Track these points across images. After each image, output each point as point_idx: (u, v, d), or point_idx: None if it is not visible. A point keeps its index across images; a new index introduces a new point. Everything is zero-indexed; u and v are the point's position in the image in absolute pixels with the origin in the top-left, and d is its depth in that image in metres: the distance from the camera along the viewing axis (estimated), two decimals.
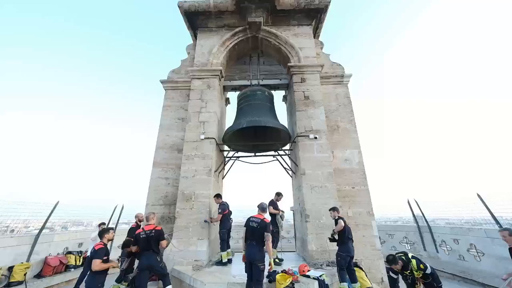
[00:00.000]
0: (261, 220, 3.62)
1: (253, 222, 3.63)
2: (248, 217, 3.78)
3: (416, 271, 3.75)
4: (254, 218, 3.69)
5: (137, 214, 5.52)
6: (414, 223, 8.40)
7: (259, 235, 3.53)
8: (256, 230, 3.55)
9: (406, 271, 3.84)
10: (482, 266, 6.21)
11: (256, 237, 3.53)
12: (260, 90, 6.92)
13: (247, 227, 3.68)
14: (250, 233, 3.59)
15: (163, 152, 6.47)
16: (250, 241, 3.55)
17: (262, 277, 3.37)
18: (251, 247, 3.52)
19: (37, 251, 6.32)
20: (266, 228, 3.55)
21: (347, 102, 6.77)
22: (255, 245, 3.51)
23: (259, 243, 3.52)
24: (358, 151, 6.14)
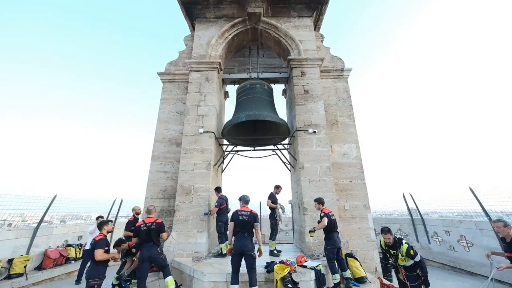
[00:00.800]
0: (250, 212, 3.80)
1: (242, 215, 3.75)
2: (234, 212, 3.85)
3: (402, 256, 3.61)
4: (242, 211, 3.81)
5: (134, 207, 5.55)
6: (408, 216, 8.64)
7: (250, 226, 3.71)
8: (247, 222, 3.70)
9: (393, 250, 3.74)
10: (471, 256, 6.49)
11: (248, 229, 3.70)
12: (259, 84, 6.86)
13: (237, 220, 3.74)
14: (241, 226, 3.69)
15: (161, 145, 6.44)
16: (242, 233, 3.67)
17: (255, 265, 3.60)
18: (243, 238, 3.64)
19: (37, 244, 6.35)
20: (256, 219, 3.78)
21: (346, 97, 6.78)
22: (246, 236, 3.66)
23: (250, 234, 3.71)
24: (356, 145, 6.21)
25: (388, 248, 3.83)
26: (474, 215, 6.81)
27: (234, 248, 3.66)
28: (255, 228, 3.75)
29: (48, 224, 7.30)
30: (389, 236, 3.77)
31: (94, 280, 3.41)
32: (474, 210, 6.71)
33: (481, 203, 6.18)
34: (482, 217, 6.39)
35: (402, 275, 3.69)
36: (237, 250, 3.61)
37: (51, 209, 6.81)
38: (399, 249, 3.62)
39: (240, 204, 4.00)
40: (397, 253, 3.65)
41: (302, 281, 3.79)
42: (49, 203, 6.70)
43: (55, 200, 6.91)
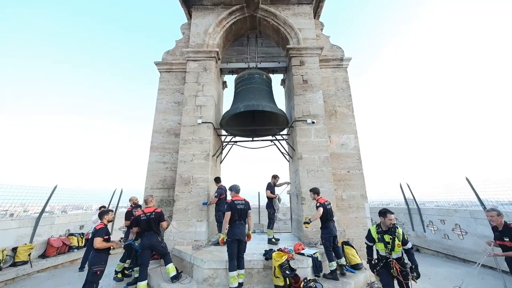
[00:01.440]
0: (245, 201, 4.01)
1: (239, 204, 3.89)
2: (231, 201, 3.94)
3: (399, 242, 3.11)
4: (238, 200, 3.94)
5: (131, 198, 5.62)
6: (405, 206, 8.77)
7: (245, 214, 3.92)
8: (244, 210, 3.89)
9: (389, 236, 3.17)
10: (464, 244, 6.65)
11: (244, 217, 3.90)
12: (258, 74, 6.76)
13: (235, 209, 3.83)
14: (238, 214, 3.83)
15: (160, 136, 6.42)
16: (239, 221, 3.83)
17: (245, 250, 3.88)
18: (240, 226, 3.81)
19: (39, 233, 6.46)
20: (249, 207, 4.05)
21: (345, 87, 6.70)
22: (243, 224, 3.87)
23: (245, 221, 3.94)
24: (355, 136, 6.20)
25: (383, 235, 3.21)
26: (469, 205, 6.91)
27: (231, 236, 3.74)
28: (249, 216, 3.98)
29: (49, 214, 7.39)
30: (391, 216, 3.20)
31: (96, 266, 3.50)
32: (469, 200, 6.81)
33: (476, 193, 6.26)
34: (477, 207, 6.49)
35: (395, 270, 3.06)
36: (235, 237, 3.71)
37: (52, 199, 6.88)
38: (396, 234, 3.14)
39: (232, 194, 4.11)
40: (394, 239, 3.13)
41: (300, 268, 3.91)
42: (49, 193, 6.75)
43: (56, 190, 6.97)
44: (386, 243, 3.19)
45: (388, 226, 3.22)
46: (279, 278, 3.59)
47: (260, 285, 3.83)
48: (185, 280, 4.08)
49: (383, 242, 3.22)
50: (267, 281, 3.87)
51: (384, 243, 3.21)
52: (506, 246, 3.22)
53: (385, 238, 3.19)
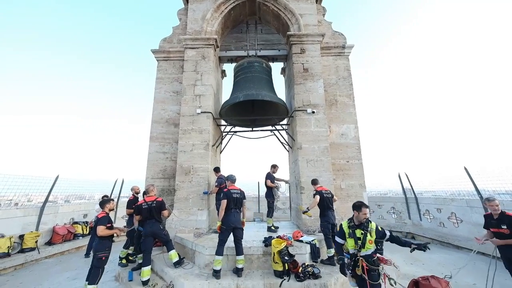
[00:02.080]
0: (240, 190, 4.13)
1: (235, 193, 4.01)
2: (227, 190, 4.04)
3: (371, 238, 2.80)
4: (234, 190, 4.06)
5: (133, 187, 5.69)
6: (402, 195, 8.90)
7: (240, 203, 4.06)
8: (239, 199, 4.02)
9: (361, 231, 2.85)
10: (459, 232, 6.82)
11: (239, 205, 4.04)
12: (257, 62, 6.62)
13: (231, 198, 3.94)
14: (234, 203, 3.96)
15: (159, 126, 6.40)
16: (234, 210, 3.96)
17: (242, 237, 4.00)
18: (236, 214, 3.96)
19: (44, 222, 6.62)
20: (244, 196, 4.19)
21: (347, 75, 6.58)
22: (238, 212, 4.02)
23: (240, 210, 4.09)
24: (355, 126, 6.18)
25: (354, 229, 2.90)
26: (467, 194, 7.01)
27: (227, 223, 3.85)
28: (243, 205, 4.16)
29: (53, 204, 7.53)
30: (366, 210, 2.90)
31: (101, 253, 3.62)
32: (467, 190, 6.89)
33: (474, 182, 6.32)
34: (474, 196, 6.58)
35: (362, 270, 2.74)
36: (230, 225, 3.83)
37: (55, 189, 6.98)
38: (368, 228, 2.82)
39: (228, 183, 4.23)
40: (365, 234, 2.82)
41: (298, 254, 4.03)
42: (52, 183, 6.83)
43: (59, 181, 7.05)
44: (356, 238, 2.86)
45: (361, 221, 2.89)
46: (278, 264, 3.72)
47: (260, 270, 3.97)
48: (188, 266, 4.23)
49: (353, 238, 2.88)
50: (266, 266, 4.01)
51: (355, 239, 2.87)
52: (503, 234, 3.29)
53: (356, 233, 2.87)
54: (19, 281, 4.69)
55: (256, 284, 3.54)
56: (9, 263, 5.17)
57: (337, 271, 3.89)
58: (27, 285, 4.47)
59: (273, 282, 3.55)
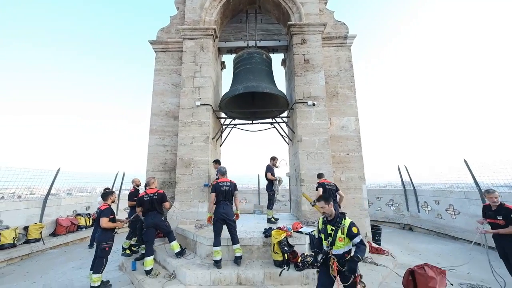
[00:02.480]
0: (230, 182, 4.11)
1: (223, 186, 4.02)
2: (215, 183, 4.07)
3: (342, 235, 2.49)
4: (223, 182, 4.07)
5: (133, 180, 5.75)
6: (401, 187, 8.98)
7: (231, 195, 4.04)
8: (228, 191, 4.02)
9: (332, 227, 2.58)
10: (456, 223, 6.92)
11: (229, 197, 4.03)
12: (257, 53, 6.50)
13: (219, 191, 3.97)
14: (222, 195, 3.97)
15: (158, 119, 6.38)
16: (223, 202, 3.97)
17: (236, 227, 3.98)
18: (225, 206, 3.95)
19: (48, 214, 6.73)
20: (235, 188, 4.15)
21: (348, 67, 6.48)
22: (228, 204, 4.01)
23: (231, 202, 4.06)
24: (356, 118, 6.14)
25: (326, 224, 2.65)
26: (465, 187, 7.06)
27: (216, 215, 3.91)
28: (235, 196, 4.13)
29: (55, 197, 7.62)
30: (323, 204, 2.62)
31: (104, 243, 3.70)
32: (466, 182, 6.93)
33: (472, 174, 6.35)
34: (473, 188, 6.63)
35: (333, 270, 2.48)
36: (219, 216, 3.88)
37: (57, 182, 7.04)
38: (340, 225, 2.53)
39: (219, 175, 4.25)
40: (336, 231, 2.54)
41: (298, 245, 4.10)
42: (53, 176, 6.88)
43: (61, 174, 7.10)
44: (327, 234, 2.61)
45: (332, 216, 2.64)
46: (277, 254, 3.80)
47: (260, 260, 4.06)
48: (189, 256, 4.33)
49: (324, 234, 2.66)
50: (266, 256, 4.10)
51: (325, 235, 2.64)
52: (498, 224, 3.35)
53: (327, 229, 2.62)
54: (26, 270, 4.82)
55: (257, 273, 3.63)
56: (16, 253, 5.30)
57: None
58: (34, 274, 4.59)
59: (273, 271, 3.63)
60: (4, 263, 5.06)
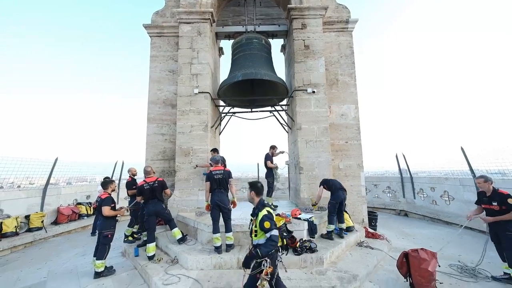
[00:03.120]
0: (223, 170, 4.11)
1: (217, 174, 4.04)
2: (210, 172, 4.10)
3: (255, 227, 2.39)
4: (216, 170, 4.09)
5: (130, 169, 5.77)
6: (398, 175, 9.12)
7: (225, 183, 4.05)
8: (222, 179, 4.04)
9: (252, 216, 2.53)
10: (450, 209, 7.11)
11: (223, 185, 4.04)
12: (256, 38, 6.30)
13: (212, 179, 4.01)
14: (217, 184, 4.01)
15: (156, 107, 6.27)
16: (218, 190, 4.00)
17: (230, 215, 4.02)
18: (220, 194, 3.98)
19: (48, 203, 6.77)
20: (230, 175, 4.15)
21: (349, 53, 6.33)
22: (223, 192, 4.03)
23: (226, 189, 4.08)
24: (355, 106, 6.10)
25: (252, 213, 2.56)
26: (461, 174, 7.18)
27: (212, 202, 3.98)
28: (230, 184, 4.12)
29: (55, 186, 7.63)
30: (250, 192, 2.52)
31: (106, 231, 3.76)
32: (462, 170, 7.04)
33: (468, 161, 6.42)
34: (468, 175, 6.75)
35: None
36: (215, 204, 3.93)
37: (56, 172, 7.03)
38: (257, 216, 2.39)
39: (213, 164, 4.26)
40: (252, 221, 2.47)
41: (296, 231, 4.20)
42: (51, 166, 6.85)
43: (59, 164, 7.06)
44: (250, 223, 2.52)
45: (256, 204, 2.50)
46: None
47: None
48: (191, 242, 4.43)
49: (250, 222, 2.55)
50: None
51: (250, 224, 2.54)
52: (493, 210, 3.44)
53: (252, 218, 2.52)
54: (30, 257, 4.92)
55: None
56: (19, 241, 5.38)
57: (333, 245, 4.11)
58: (38, 261, 4.69)
59: None
60: (8, 251, 5.15)
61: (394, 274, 3.59)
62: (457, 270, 3.80)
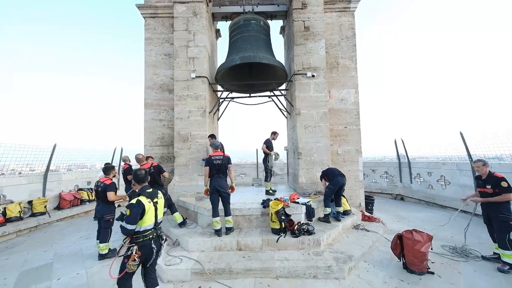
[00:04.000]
0: (223, 156, 4.11)
1: (216, 160, 4.05)
2: (209, 157, 4.11)
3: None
4: (216, 156, 4.09)
5: (124, 157, 5.81)
6: (396, 160, 9.18)
7: (224, 168, 4.06)
8: (221, 165, 4.05)
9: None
10: (446, 193, 7.25)
11: (222, 170, 4.06)
12: (254, 20, 6.03)
13: (212, 164, 4.02)
14: (216, 169, 4.03)
15: (153, 92, 6.15)
16: (217, 175, 4.04)
17: (229, 200, 4.11)
18: (219, 179, 4.03)
19: (50, 188, 6.84)
20: (229, 161, 4.15)
21: (350, 35, 6.10)
22: (222, 177, 4.06)
23: (224, 175, 4.09)
24: (355, 90, 5.98)
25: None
26: (459, 159, 7.22)
27: (211, 187, 4.03)
28: (229, 169, 4.14)
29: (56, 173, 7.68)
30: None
31: (108, 215, 3.85)
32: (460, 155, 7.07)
33: (466, 146, 6.43)
34: (465, 160, 6.80)
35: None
36: (214, 189, 3.99)
37: (56, 159, 7.03)
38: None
39: (212, 149, 4.25)
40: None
41: (294, 214, 4.30)
42: (50, 152, 6.84)
43: (59, 151, 7.05)
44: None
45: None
46: (275, 223, 4.00)
47: (259, 229, 4.29)
48: (191, 226, 4.55)
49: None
50: (264, 225, 4.32)
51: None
52: (487, 193, 3.50)
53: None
54: (36, 240, 5.07)
55: (255, 240, 3.85)
56: (24, 226, 5.52)
57: (330, 228, 4.23)
58: (44, 244, 4.84)
59: (271, 238, 3.86)
60: (13, 235, 5.30)
61: (388, 254, 3.72)
62: (449, 250, 3.94)
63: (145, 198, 2.39)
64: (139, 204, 2.31)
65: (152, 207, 2.40)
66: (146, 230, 2.35)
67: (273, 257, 3.51)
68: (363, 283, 3.05)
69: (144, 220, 2.33)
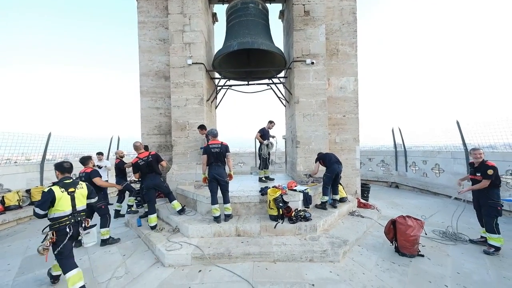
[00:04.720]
0: (221, 144, 4.11)
1: (214, 148, 4.05)
2: (207, 145, 4.11)
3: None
4: (214, 144, 4.09)
5: (117, 151, 5.86)
6: (393, 149, 9.30)
7: (222, 156, 4.07)
8: (219, 153, 4.05)
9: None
10: (439, 181, 7.44)
11: (220, 159, 4.07)
12: (253, 3, 5.79)
13: (209, 153, 4.03)
14: (214, 157, 4.04)
15: (148, 80, 6.00)
16: (215, 163, 4.05)
17: (228, 187, 4.16)
18: (217, 167, 4.05)
19: (47, 177, 6.82)
20: (227, 149, 4.14)
21: (352, 20, 5.92)
22: (220, 165, 4.08)
23: (223, 163, 4.10)
24: (355, 78, 5.91)
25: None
26: (454, 147, 7.33)
27: (210, 176, 4.07)
28: (227, 158, 4.15)
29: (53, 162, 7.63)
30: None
31: (99, 203, 3.79)
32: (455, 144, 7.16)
33: (462, 135, 6.51)
34: (460, 148, 6.91)
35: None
36: (212, 177, 4.02)
37: (53, 148, 6.96)
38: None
39: (210, 138, 4.23)
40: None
41: (292, 201, 4.39)
42: (45, 141, 6.75)
43: (54, 139, 6.95)
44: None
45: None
46: (273, 209, 4.09)
47: (257, 216, 4.39)
48: (190, 213, 4.63)
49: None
50: (262, 212, 4.42)
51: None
52: (476, 180, 3.60)
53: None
54: (37, 228, 5.13)
55: (254, 226, 3.95)
56: (24, 214, 5.55)
57: (326, 214, 4.34)
58: None
59: (269, 224, 3.96)
60: (14, 223, 5.34)
61: (381, 239, 3.87)
62: (439, 235, 4.11)
63: (58, 188, 2.58)
64: (49, 192, 2.51)
65: (65, 196, 2.58)
66: (61, 217, 2.56)
67: (270, 242, 3.62)
68: (356, 265, 3.19)
69: (57, 207, 2.53)
